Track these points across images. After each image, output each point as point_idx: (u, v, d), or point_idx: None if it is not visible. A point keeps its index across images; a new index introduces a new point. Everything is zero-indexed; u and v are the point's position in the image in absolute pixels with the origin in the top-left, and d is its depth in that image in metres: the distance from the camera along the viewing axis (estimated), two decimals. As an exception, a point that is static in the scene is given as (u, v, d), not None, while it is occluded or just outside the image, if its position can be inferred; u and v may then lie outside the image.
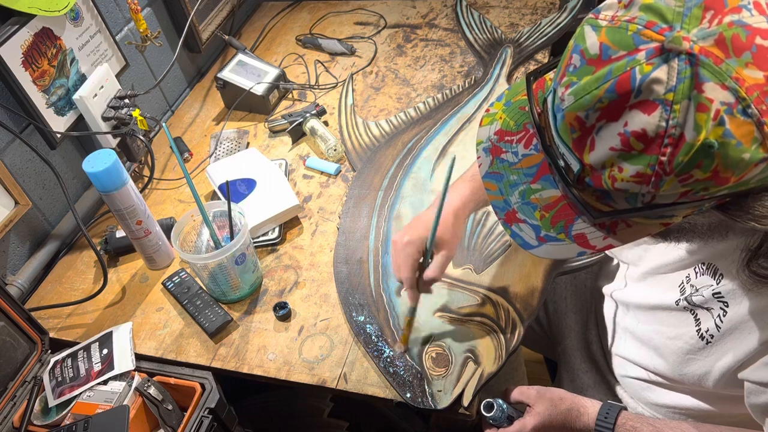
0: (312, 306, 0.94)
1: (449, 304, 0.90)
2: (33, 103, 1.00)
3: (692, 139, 0.43)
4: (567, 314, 1.03)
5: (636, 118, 0.44)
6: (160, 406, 0.83)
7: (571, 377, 0.97)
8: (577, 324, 1.01)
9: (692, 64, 0.42)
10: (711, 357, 0.67)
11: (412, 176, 1.10)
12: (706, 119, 0.42)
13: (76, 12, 1.08)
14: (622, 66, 0.44)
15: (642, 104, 0.44)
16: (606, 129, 0.46)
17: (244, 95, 1.29)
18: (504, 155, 0.57)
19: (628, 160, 0.46)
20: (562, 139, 0.50)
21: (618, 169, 0.46)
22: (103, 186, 0.90)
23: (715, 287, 0.65)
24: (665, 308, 0.73)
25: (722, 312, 0.65)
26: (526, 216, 0.56)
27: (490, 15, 1.47)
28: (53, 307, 1.00)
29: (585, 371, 0.96)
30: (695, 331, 0.68)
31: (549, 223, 0.55)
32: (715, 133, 0.43)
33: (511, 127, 0.57)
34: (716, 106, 0.42)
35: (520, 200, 0.56)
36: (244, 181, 1.09)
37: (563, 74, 0.49)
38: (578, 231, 0.54)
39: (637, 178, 0.46)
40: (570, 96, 0.47)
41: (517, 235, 0.58)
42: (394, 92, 1.31)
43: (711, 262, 0.67)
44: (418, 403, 0.80)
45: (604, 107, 0.45)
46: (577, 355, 0.98)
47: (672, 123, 0.43)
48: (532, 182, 0.56)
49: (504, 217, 0.58)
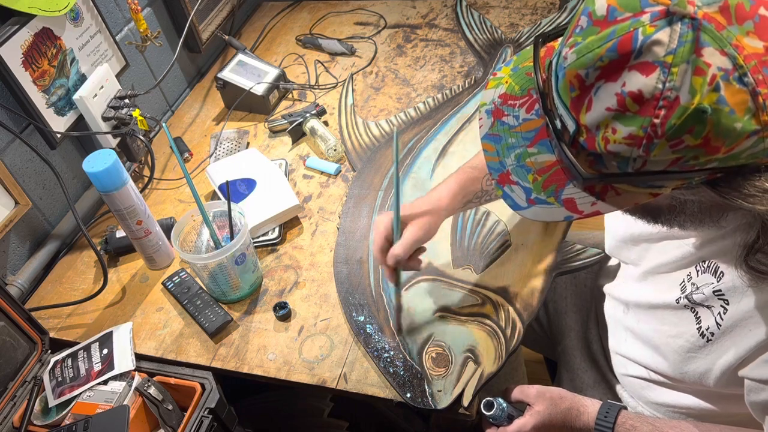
0: (312, 306, 0.94)
1: (449, 304, 0.90)
2: (33, 103, 1.00)
3: (686, 103, 0.43)
4: (567, 313, 1.03)
5: (634, 79, 0.44)
6: (160, 406, 0.83)
7: (571, 376, 0.97)
8: (577, 323, 1.01)
9: (694, 29, 0.43)
10: (712, 355, 0.67)
11: (412, 176, 1.10)
12: (702, 83, 0.43)
13: (76, 12, 1.08)
14: (625, 27, 0.44)
15: (641, 65, 0.44)
16: (604, 89, 0.46)
17: (244, 95, 1.29)
18: (505, 118, 0.58)
19: (622, 121, 0.46)
20: (561, 99, 0.50)
21: (612, 131, 0.47)
22: (103, 186, 0.90)
23: (716, 285, 0.66)
24: (666, 307, 0.73)
25: (723, 309, 0.65)
26: (519, 178, 0.57)
27: (490, 15, 1.47)
28: (53, 307, 1.00)
29: (585, 370, 0.96)
30: (696, 329, 0.68)
31: (540, 187, 0.56)
32: (710, 98, 0.43)
33: (516, 91, 0.58)
34: (713, 71, 0.43)
35: (515, 162, 0.57)
36: (244, 181, 1.09)
37: (570, 35, 0.49)
38: (568, 195, 0.55)
39: (630, 140, 0.46)
40: (573, 54, 0.48)
41: (507, 196, 0.58)
42: (394, 92, 1.32)
43: (712, 260, 0.67)
44: (418, 403, 0.80)
45: (605, 66, 0.45)
46: (577, 355, 0.98)
47: (668, 85, 0.43)
48: (529, 146, 0.56)
49: (498, 177, 0.59)
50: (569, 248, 0.95)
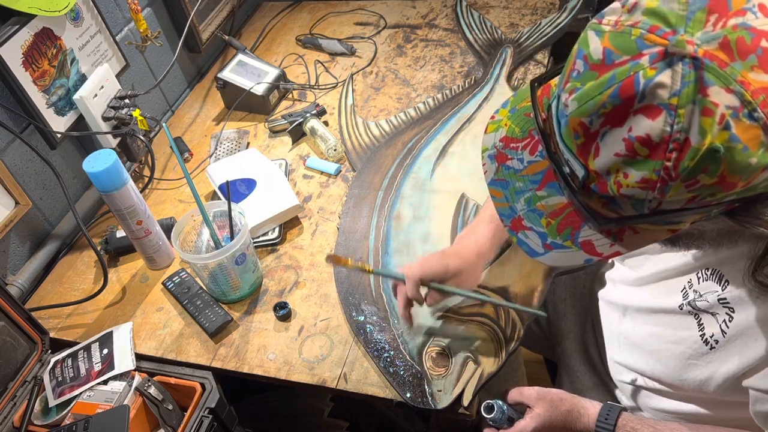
0: (312, 306, 0.94)
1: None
2: (33, 103, 1.00)
3: (697, 144, 0.43)
4: (566, 316, 1.02)
5: (640, 123, 0.44)
6: (160, 405, 0.83)
7: (571, 378, 0.97)
8: (575, 326, 1.01)
9: (696, 68, 0.42)
10: (714, 363, 0.67)
11: (412, 176, 1.10)
12: (711, 123, 0.42)
13: (77, 12, 1.08)
14: (625, 71, 0.44)
15: (646, 109, 0.43)
16: (610, 135, 0.45)
17: (244, 95, 1.29)
18: (509, 162, 0.57)
19: (633, 166, 0.45)
20: (566, 145, 0.49)
21: (623, 175, 0.46)
22: (104, 186, 0.90)
23: (720, 293, 0.65)
24: (667, 312, 0.73)
25: (728, 318, 0.64)
26: (532, 223, 0.56)
27: (490, 15, 1.47)
28: (53, 307, 1.00)
29: (584, 373, 0.95)
30: (699, 336, 0.68)
31: (555, 231, 0.55)
32: (721, 137, 0.42)
33: (517, 134, 0.57)
34: (721, 110, 0.42)
35: (526, 207, 0.56)
36: (244, 181, 1.09)
37: (567, 80, 0.48)
38: (585, 238, 0.54)
39: (643, 183, 0.45)
40: (574, 101, 0.47)
41: (523, 243, 0.57)
42: (394, 92, 1.32)
43: (716, 268, 0.66)
44: (418, 403, 0.80)
45: (608, 112, 0.45)
46: (576, 357, 0.97)
47: (677, 128, 0.43)
48: (537, 189, 0.55)
49: (510, 224, 0.57)
50: (569, 248, 0.95)
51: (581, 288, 1.03)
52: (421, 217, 1.03)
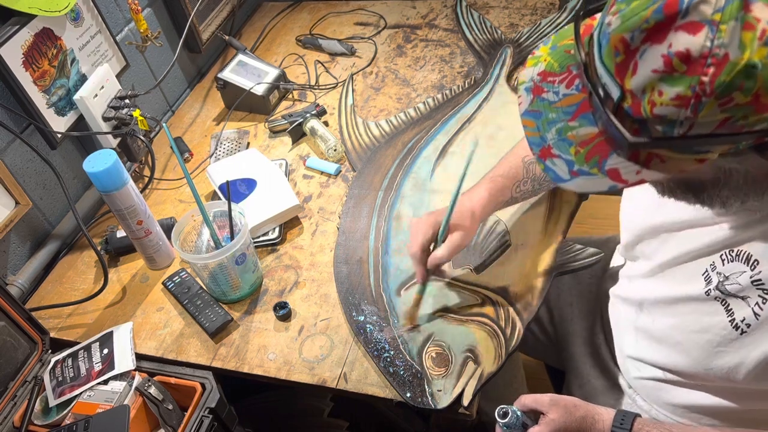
0: (312, 306, 0.94)
1: (449, 304, 0.90)
2: (33, 104, 1.00)
3: (736, 59, 0.43)
4: (573, 320, 1.01)
5: (681, 39, 0.44)
6: (160, 405, 0.83)
7: (580, 383, 0.95)
8: (583, 330, 0.99)
9: None
10: (745, 348, 0.65)
11: (412, 176, 1.10)
12: (752, 38, 0.42)
13: (77, 12, 1.08)
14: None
15: (688, 25, 0.44)
16: (650, 51, 0.46)
17: (244, 95, 1.29)
18: (545, 94, 0.58)
19: (669, 83, 0.46)
20: (605, 65, 0.50)
21: (658, 93, 0.47)
22: (104, 186, 0.90)
23: (752, 274, 0.63)
24: (690, 300, 0.71)
25: (762, 300, 0.63)
26: (561, 152, 0.57)
27: (489, 15, 1.47)
28: (54, 307, 1.00)
29: (595, 377, 0.94)
30: (728, 322, 0.66)
31: (583, 159, 0.56)
32: (760, 53, 0.43)
33: (555, 68, 0.58)
34: (763, 25, 0.42)
35: (556, 137, 0.57)
36: (244, 181, 1.09)
37: (612, 4, 0.49)
38: (612, 166, 0.55)
39: (677, 101, 0.46)
40: (617, 19, 0.47)
41: (550, 169, 0.59)
42: (394, 92, 1.32)
43: (742, 249, 0.65)
44: (418, 402, 0.80)
45: (650, 28, 0.45)
46: (585, 361, 0.96)
47: (717, 43, 0.43)
48: (570, 120, 0.56)
49: (539, 152, 0.59)
50: (569, 248, 0.95)
51: (587, 291, 1.02)
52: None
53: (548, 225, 0.98)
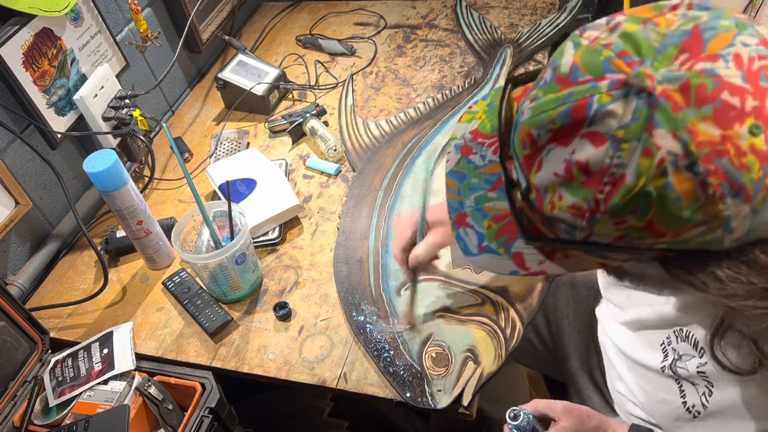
0: (312, 306, 0.95)
1: (449, 304, 0.90)
2: (33, 104, 1.00)
3: (631, 183, 0.41)
4: (570, 334, 0.99)
5: (584, 148, 0.42)
6: (160, 405, 0.83)
7: (582, 398, 0.93)
8: (580, 346, 0.97)
9: (650, 106, 0.40)
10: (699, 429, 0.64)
11: (412, 176, 1.10)
12: (649, 166, 0.40)
13: (77, 12, 1.08)
14: (582, 91, 0.42)
15: (593, 135, 0.42)
16: (554, 152, 0.44)
17: (244, 95, 1.29)
18: (472, 156, 0.56)
19: (568, 190, 0.44)
20: (515, 152, 0.49)
21: (558, 197, 0.45)
22: (104, 186, 0.90)
23: (699, 363, 0.61)
24: (651, 370, 0.70)
25: (707, 391, 0.61)
26: (474, 222, 0.56)
27: (489, 15, 1.47)
28: (54, 306, 1.00)
29: (592, 393, 0.93)
30: (681, 403, 0.65)
31: (493, 235, 0.54)
32: (656, 183, 0.40)
33: (487, 129, 0.56)
34: (662, 154, 0.40)
35: (474, 205, 0.55)
36: (244, 181, 1.09)
37: (535, 86, 0.47)
38: (518, 249, 0.53)
39: (574, 210, 0.44)
40: (529, 110, 0.46)
41: (461, 239, 0.57)
42: (394, 92, 1.32)
43: (690, 331, 0.63)
44: (418, 402, 0.80)
45: (556, 129, 0.43)
46: (583, 377, 0.94)
47: (616, 162, 0.41)
48: (490, 190, 0.54)
49: (455, 218, 0.57)
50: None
51: (584, 304, 0.99)
52: (421, 217, 1.03)
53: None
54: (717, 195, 0.40)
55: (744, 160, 0.40)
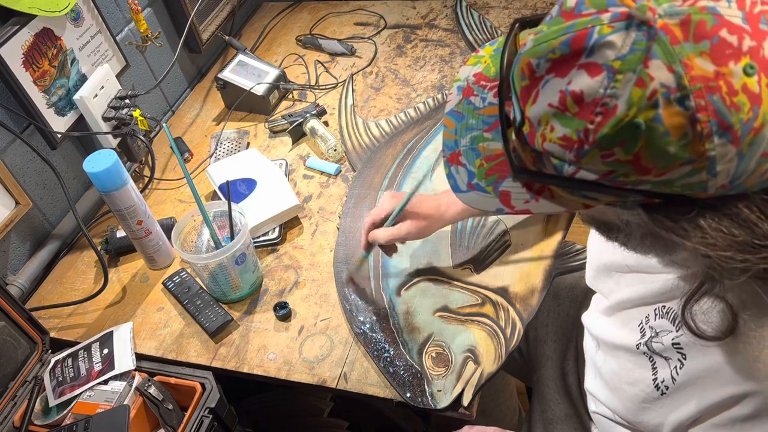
0: (312, 306, 0.95)
1: (449, 304, 0.90)
2: (33, 104, 1.00)
3: (621, 114, 0.42)
4: (546, 342, 0.99)
5: (580, 79, 0.43)
6: (160, 405, 0.83)
7: (543, 407, 0.94)
8: (555, 353, 0.97)
9: (649, 38, 0.41)
10: (664, 408, 0.64)
11: (412, 176, 1.10)
12: (641, 96, 0.41)
13: (77, 12, 1.08)
14: (584, 22, 0.43)
15: (590, 65, 0.42)
16: (551, 83, 0.45)
17: (244, 95, 1.29)
18: (473, 98, 0.56)
19: (560, 121, 0.45)
20: (513, 85, 0.49)
21: (550, 128, 0.45)
22: (104, 186, 0.90)
23: (675, 335, 0.62)
24: (626, 350, 0.70)
25: (679, 364, 0.61)
26: (467, 161, 0.56)
27: (490, 15, 1.47)
28: (54, 307, 1.00)
29: (557, 402, 0.92)
30: (651, 380, 0.65)
31: (484, 174, 0.55)
32: (646, 114, 0.41)
33: (491, 73, 0.56)
34: (655, 85, 0.41)
35: (468, 144, 0.56)
36: (244, 181, 1.09)
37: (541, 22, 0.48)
38: (506, 188, 0.54)
39: (563, 141, 0.45)
40: (531, 41, 0.46)
41: (452, 176, 0.58)
42: (394, 92, 1.32)
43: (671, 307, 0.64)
44: (418, 402, 0.80)
45: (555, 59, 0.44)
46: (551, 386, 0.94)
47: (609, 92, 0.42)
48: (486, 131, 0.55)
49: (449, 155, 0.57)
50: (569, 248, 0.95)
51: (564, 314, 0.99)
52: (421, 217, 1.03)
53: (548, 225, 0.98)
54: (705, 132, 0.41)
55: (735, 99, 0.40)
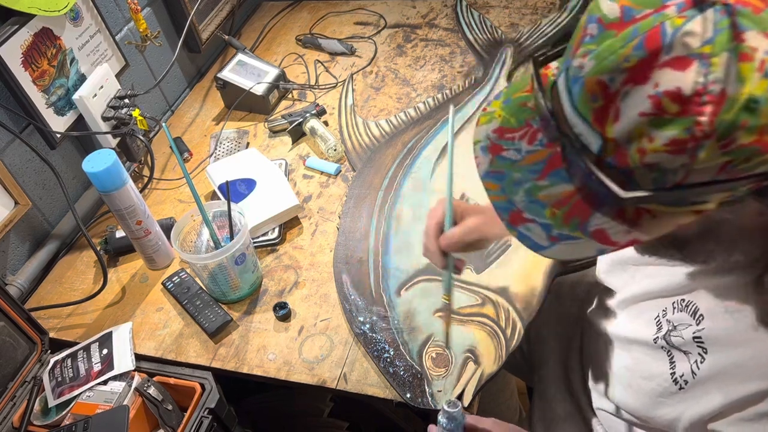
0: (312, 306, 0.94)
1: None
2: (33, 103, 1.00)
3: (735, 93, 0.39)
4: (548, 341, 0.98)
5: (668, 77, 0.40)
6: (160, 406, 0.83)
7: (544, 406, 0.93)
8: (558, 351, 0.96)
9: (729, 14, 0.39)
10: (682, 404, 0.63)
11: (412, 176, 1.10)
12: (750, 69, 0.39)
13: (76, 12, 1.08)
14: (649, 22, 0.40)
15: (675, 61, 0.40)
16: (633, 93, 0.41)
17: (244, 95, 1.29)
18: (505, 153, 0.53)
19: (660, 127, 0.41)
20: (580, 113, 0.45)
21: (648, 139, 0.42)
22: (103, 186, 0.90)
23: (696, 329, 0.61)
24: (641, 344, 0.69)
25: (700, 358, 0.60)
26: (534, 215, 0.52)
27: (490, 15, 1.47)
28: (53, 307, 1.00)
29: (559, 401, 0.92)
30: (669, 374, 0.64)
31: (561, 221, 0.51)
32: (761, 86, 0.39)
33: (512, 123, 0.53)
34: (761, 55, 0.39)
35: (526, 199, 0.52)
36: (244, 181, 1.09)
37: (578, 47, 0.45)
38: (596, 227, 0.49)
39: (672, 146, 0.41)
40: (591, 61, 0.43)
41: (525, 237, 0.53)
42: (394, 92, 1.31)
43: (691, 300, 0.62)
44: (418, 403, 0.80)
45: (632, 67, 0.41)
46: (553, 385, 0.94)
47: (711, 78, 0.39)
48: (538, 179, 0.51)
49: (509, 218, 0.53)
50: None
51: (566, 313, 0.98)
52: (421, 217, 1.03)
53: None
54: None
55: None
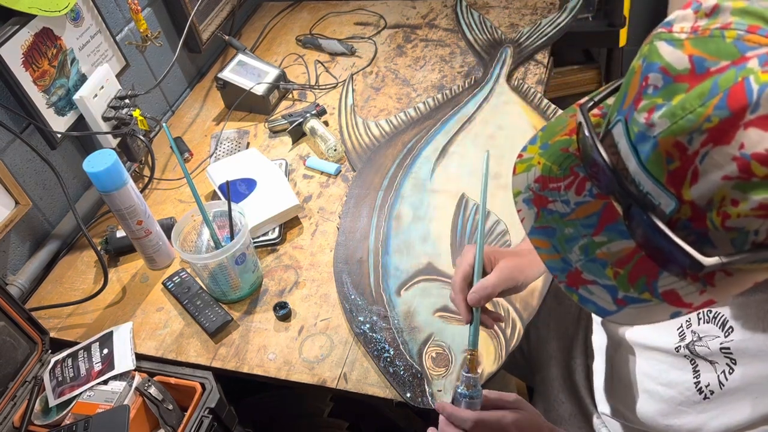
0: (312, 306, 0.94)
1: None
2: (33, 103, 1.00)
3: None
4: (549, 341, 0.97)
5: (755, 138, 0.37)
6: (160, 405, 0.83)
7: (546, 408, 0.92)
8: (560, 351, 0.94)
9: None
10: (706, 414, 0.60)
11: (412, 176, 1.10)
12: None
13: (77, 12, 1.08)
14: (730, 77, 0.37)
15: (762, 120, 0.37)
16: (713, 155, 0.38)
17: (244, 95, 1.29)
18: (551, 205, 0.49)
19: (748, 191, 0.38)
20: (650, 174, 0.42)
21: (731, 203, 0.39)
22: (104, 186, 0.90)
23: (723, 340, 0.58)
24: (662, 351, 0.66)
25: (729, 369, 0.57)
26: (595, 276, 0.47)
27: (490, 15, 1.47)
28: (53, 307, 1.00)
29: (561, 402, 0.90)
30: (693, 384, 0.61)
31: (626, 282, 0.46)
32: None
33: (555, 172, 0.49)
34: None
35: (583, 257, 0.48)
36: (244, 181, 1.09)
37: (638, 98, 0.41)
38: (667, 287, 0.45)
39: (761, 210, 0.38)
40: (663, 119, 0.40)
41: (588, 301, 0.48)
42: (394, 92, 1.32)
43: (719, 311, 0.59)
44: (418, 402, 0.80)
45: (714, 127, 0.38)
46: (555, 385, 0.92)
47: None
48: (594, 234, 0.47)
49: (566, 279, 0.48)
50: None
51: (566, 313, 0.97)
52: (421, 217, 1.03)
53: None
54: None
55: None
